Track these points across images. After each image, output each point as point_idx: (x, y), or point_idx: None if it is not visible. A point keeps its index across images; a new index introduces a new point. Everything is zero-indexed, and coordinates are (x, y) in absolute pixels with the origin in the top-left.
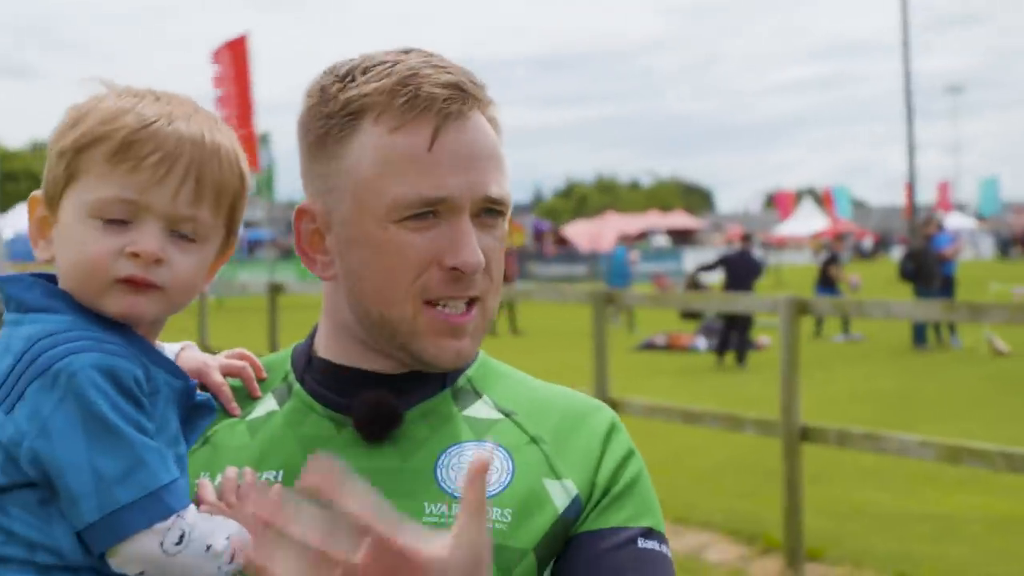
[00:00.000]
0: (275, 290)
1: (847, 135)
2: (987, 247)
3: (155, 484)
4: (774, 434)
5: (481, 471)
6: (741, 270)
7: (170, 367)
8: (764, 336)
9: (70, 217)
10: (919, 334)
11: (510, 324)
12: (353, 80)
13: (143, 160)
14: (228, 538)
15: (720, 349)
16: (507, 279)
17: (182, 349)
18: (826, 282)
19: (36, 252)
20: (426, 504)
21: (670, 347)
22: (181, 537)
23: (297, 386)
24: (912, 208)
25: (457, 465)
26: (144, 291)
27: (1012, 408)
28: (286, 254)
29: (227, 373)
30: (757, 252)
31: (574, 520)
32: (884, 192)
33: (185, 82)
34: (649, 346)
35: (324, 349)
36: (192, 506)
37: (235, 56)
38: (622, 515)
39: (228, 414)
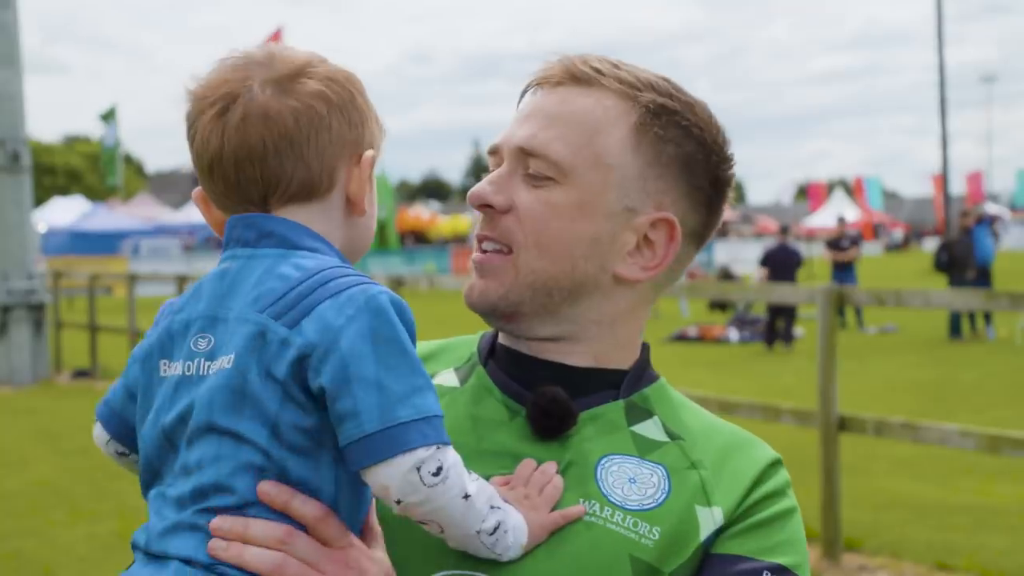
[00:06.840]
0: None
1: (879, 126)
2: (1022, 237)
3: (430, 411)
4: (811, 424)
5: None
6: (781, 263)
7: None
8: (797, 327)
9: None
10: (955, 325)
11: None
12: None
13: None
14: (492, 506)
15: (769, 339)
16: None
17: None
18: (841, 267)
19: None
20: (581, 500)
21: (702, 338)
22: (439, 469)
23: (480, 368)
24: (945, 199)
25: (616, 473)
26: None
27: None
28: None
29: None
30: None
31: (711, 545)
32: (916, 183)
33: None
34: (681, 337)
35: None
36: (453, 449)
37: None
38: (755, 545)
39: None
